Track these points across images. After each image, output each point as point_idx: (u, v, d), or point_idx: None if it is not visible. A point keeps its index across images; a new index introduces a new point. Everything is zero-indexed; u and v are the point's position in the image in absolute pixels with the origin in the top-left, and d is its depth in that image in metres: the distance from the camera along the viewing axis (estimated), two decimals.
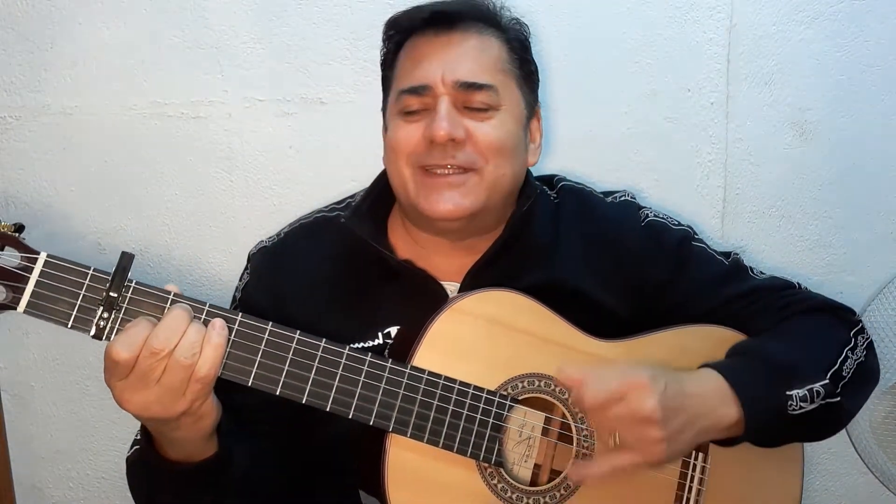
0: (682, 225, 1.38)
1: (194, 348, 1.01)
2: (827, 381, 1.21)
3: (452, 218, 1.22)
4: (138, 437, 1.18)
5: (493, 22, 1.27)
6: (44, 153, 1.56)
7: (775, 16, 1.59)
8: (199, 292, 1.61)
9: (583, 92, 1.59)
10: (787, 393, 1.18)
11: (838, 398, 1.22)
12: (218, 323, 1.04)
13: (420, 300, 1.24)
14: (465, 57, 1.22)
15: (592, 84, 1.59)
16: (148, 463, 1.13)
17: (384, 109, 1.31)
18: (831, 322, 1.32)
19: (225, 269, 1.60)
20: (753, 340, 1.28)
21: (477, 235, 1.28)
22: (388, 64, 1.30)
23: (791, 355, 1.22)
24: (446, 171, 1.21)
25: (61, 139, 1.55)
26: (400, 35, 1.28)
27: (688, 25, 1.58)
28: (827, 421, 1.25)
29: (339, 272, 1.30)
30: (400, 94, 1.24)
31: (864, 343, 1.31)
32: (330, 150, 1.58)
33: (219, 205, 1.59)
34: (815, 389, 1.20)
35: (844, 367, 1.25)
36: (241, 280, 1.35)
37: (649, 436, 1.08)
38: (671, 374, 1.14)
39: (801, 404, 1.19)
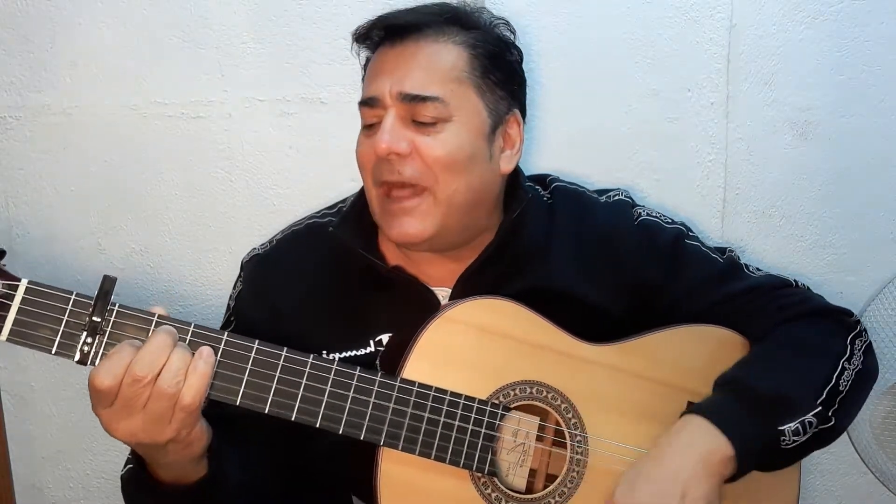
0: (676, 223, 1.37)
1: (178, 376, 1.00)
2: (819, 407, 1.21)
3: (412, 243, 1.21)
4: (130, 456, 1.17)
5: (457, 25, 1.23)
6: (44, 153, 1.56)
7: (775, 16, 1.59)
8: (199, 292, 1.61)
9: (583, 92, 1.59)
10: (780, 428, 1.18)
11: (831, 421, 1.22)
12: (205, 352, 1.03)
13: (411, 307, 1.23)
14: (413, 68, 1.19)
15: (592, 84, 1.59)
16: (141, 483, 1.12)
17: None
18: (828, 330, 1.30)
19: (225, 269, 1.60)
20: (741, 371, 1.25)
21: (459, 247, 1.27)
22: (363, 76, 1.29)
23: (781, 385, 1.21)
24: (401, 193, 1.19)
25: (61, 139, 1.55)
26: (367, 49, 1.28)
27: (688, 25, 1.58)
28: (823, 440, 1.25)
29: (330, 280, 1.30)
30: (359, 107, 1.24)
31: (861, 348, 1.29)
32: (330, 150, 1.58)
33: (219, 205, 1.59)
34: (807, 421, 1.19)
35: (841, 381, 1.24)
36: (234, 288, 1.35)
37: None
38: (645, 465, 1.16)
39: (794, 438, 1.19)
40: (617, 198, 1.38)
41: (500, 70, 1.24)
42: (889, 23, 1.60)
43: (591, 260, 1.31)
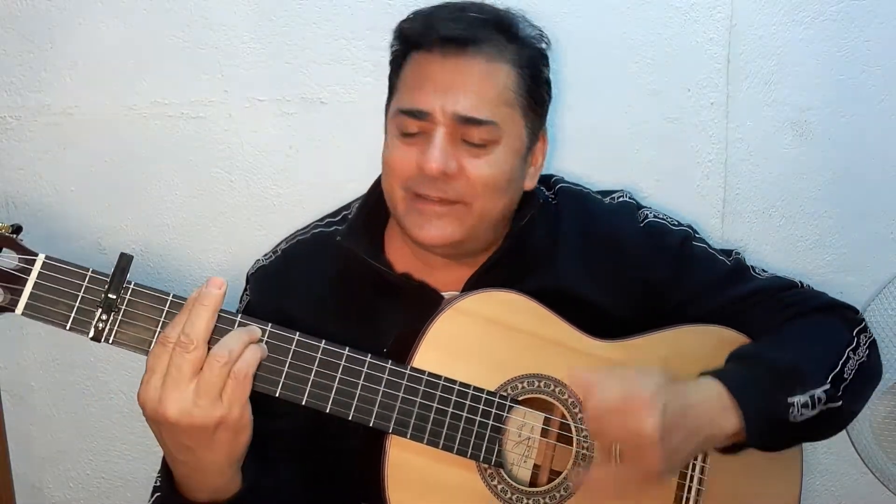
0: (682, 225, 1.38)
1: (232, 345, 1.00)
2: (828, 385, 1.21)
3: (438, 245, 1.21)
4: (158, 484, 1.15)
5: (508, 39, 1.21)
6: (44, 153, 1.56)
7: (775, 16, 1.59)
8: None
9: (583, 91, 1.59)
10: (789, 400, 1.18)
11: (839, 402, 1.22)
12: (258, 332, 1.04)
13: (421, 312, 1.23)
14: (468, 88, 1.16)
15: (592, 84, 1.59)
16: None
17: (387, 109, 1.28)
18: (834, 321, 1.32)
19: (225, 270, 1.60)
20: (754, 346, 1.27)
21: (473, 255, 1.28)
22: (395, 69, 1.26)
23: (792, 361, 1.21)
24: (436, 200, 1.19)
25: (61, 139, 1.55)
26: (408, 46, 1.23)
27: (688, 25, 1.58)
28: (829, 424, 1.26)
29: (338, 290, 1.30)
30: (399, 113, 1.20)
31: (866, 342, 1.31)
32: (330, 150, 1.58)
33: (219, 205, 1.59)
34: (816, 395, 1.19)
35: (846, 369, 1.24)
36: (241, 302, 1.34)
37: (647, 454, 1.08)
38: (673, 386, 1.13)
39: (803, 411, 1.19)
40: (621, 199, 1.39)
41: (541, 88, 1.24)
42: (889, 23, 1.60)
43: (597, 260, 1.31)
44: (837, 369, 1.24)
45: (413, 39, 1.22)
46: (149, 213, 1.59)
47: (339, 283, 1.30)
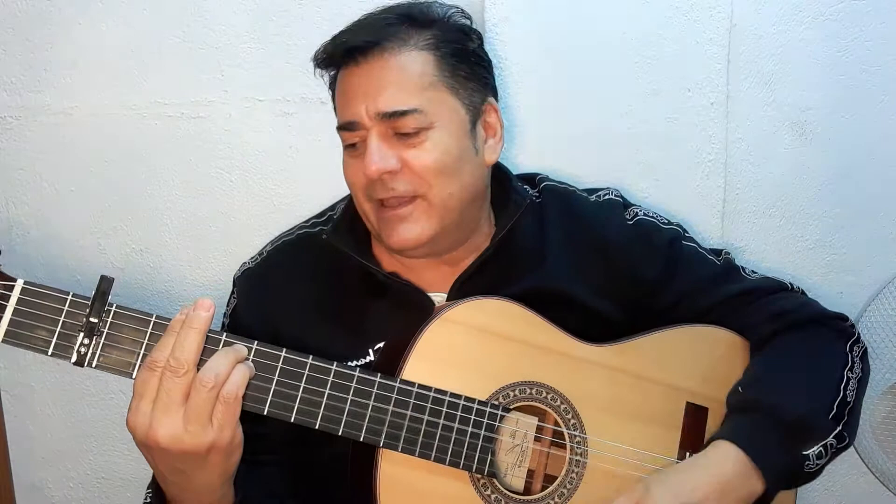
0: (672, 224, 1.37)
1: (219, 369, 0.99)
2: (837, 428, 1.21)
3: (412, 248, 1.21)
4: (147, 501, 1.15)
5: (415, 25, 1.22)
6: (44, 153, 1.56)
7: (775, 16, 1.59)
8: (199, 292, 1.61)
9: (582, 92, 1.59)
10: (804, 453, 1.18)
11: (846, 440, 1.23)
12: (244, 351, 1.03)
13: (408, 312, 1.23)
14: (384, 85, 1.18)
15: (592, 84, 1.59)
16: None
17: None
18: (829, 339, 1.31)
19: (224, 270, 1.60)
20: (759, 386, 1.25)
21: (454, 249, 1.27)
22: (332, 96, 1.28)
23: (802, 407, 1.20)
24: (393, 202, 1.19)
25: (61, 139, 1.55)
26: (330, 69, 1.26)
27: (688, 25, 1.58)
28: (835, 457, 1.26)
29: (325, 290, 1.29)
30: (338, 131, 1.24)
31: (858, 354, 1.30)
32: (330, 150, 1.57)
33: (219, 205, 1.59)
34: (828, 443, 1.20)
35: (848, 392, 1.24)
36: (228, 305, 1.34)
37: None
38: (680, 475, 1.16)
39: (818, 461, 1.19)
40: (607, 197, 1.38)
41: (467, 62, 1.24)
42: (889, 23, 1.60)
43: (584, 260, 1.31)
44: (840, 395, 1.23)
45: (327, 61, 1.25)
46: (149, 213, 1.59)
47: (325, 282, 1.30)
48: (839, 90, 1.62)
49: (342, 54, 1.21)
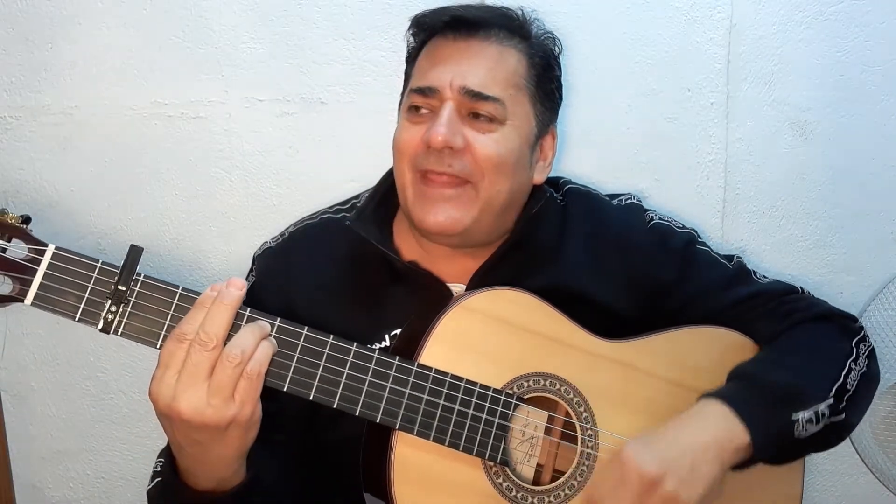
0: (686, 228, 1.39)
1: (245, 345, 1.00)
2: (832, 399, 1.21)
3: (444, 232, 1.21)
4: (158, 469, 1.15)
5: (518, 32, 1.25)
6: (44, 153, 1.56)
7: (775, 16, 1.59)
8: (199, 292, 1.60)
9: (582, 91, 1.59)
10: (793, 416, 1.18)
11: (843, 415, 1.23)
12: (268, 328, 1.04)
13: (426, 301, 1.23)
14: (478, 65, 1.20)
15: (592, 84, 1.59)
16: (178, 492, 1.09)
17: (400, 103, 1.31)
18: (835, 332, 1.32)
19: (225, 270, 1.60)
20: (752, 363, 1.26)
21: (476, 245, 1.28)
22: (411, 60, 1.30)
23: (795, 377, 1.21)
24: (443, 179, 1.19)
25: (61, 139, 1.55)
26: (423, 34, 1.28)
27: (688, 25, 1.58)
28: (833, 436, 1.26)
29: (344, 274, 1.30)
30: (410, 92, 1.24)
31: (865, 352, 1.31)
32: (330, 150, 1.58)
33: (219, 205, 1.59)
34: (820, 410, 1.20)
35: (849, 381, 1.25)
36: (246, 281, 1.34)
37: (664, 493, 1.09)
38: (661, 431, 1.15)
39: (808, 427, 1.19)
40: (629, 201, 1.40)
41: (550, 83, 1.28)
42: (889, 23, 1.60)
43: (604, 260, 1.32)
44: (840, 381, 1.24)
45: (427, 24, 1.27)
46: (148, 213, 1.59)
47: (344, 266, 1.30)
48: (839, 90, 1.62)
49: (448, 22, 1.24)
